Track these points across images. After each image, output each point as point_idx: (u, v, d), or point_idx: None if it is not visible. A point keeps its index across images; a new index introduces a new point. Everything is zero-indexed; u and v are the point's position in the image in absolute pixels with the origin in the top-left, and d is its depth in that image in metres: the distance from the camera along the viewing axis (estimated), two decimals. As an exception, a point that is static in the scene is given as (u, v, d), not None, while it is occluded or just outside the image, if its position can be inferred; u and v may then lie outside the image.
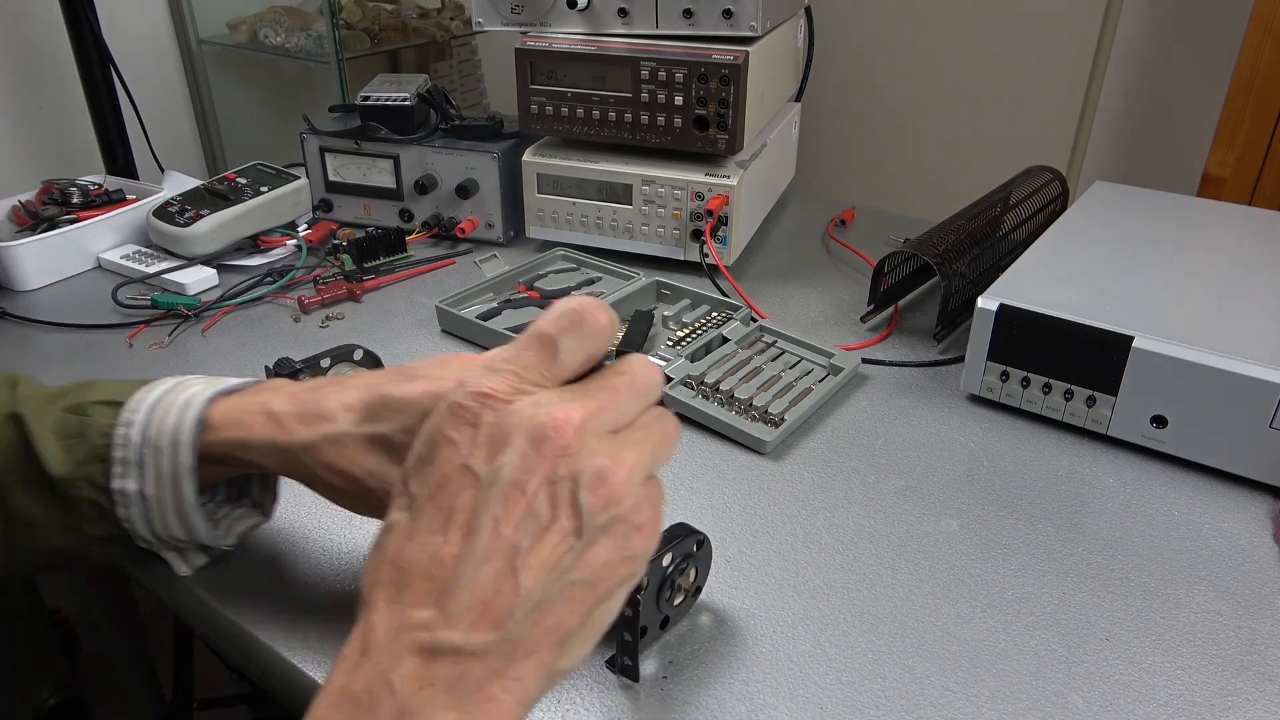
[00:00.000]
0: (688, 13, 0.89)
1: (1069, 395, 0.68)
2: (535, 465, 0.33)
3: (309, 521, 0.60)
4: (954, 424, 0.71)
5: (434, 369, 0.45)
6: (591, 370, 0.37)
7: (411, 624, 0.32)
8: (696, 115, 0.90)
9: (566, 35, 0.93)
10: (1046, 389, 0.69)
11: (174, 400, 0.49)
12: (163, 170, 1.18)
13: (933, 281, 0.94)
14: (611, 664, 0.49)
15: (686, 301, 0.85)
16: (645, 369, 0.37)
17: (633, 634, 0.47)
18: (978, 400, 0.74)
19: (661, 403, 0.38)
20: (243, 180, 1.02)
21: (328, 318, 0.87)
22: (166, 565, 0.54)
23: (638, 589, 0.46)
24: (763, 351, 0.79)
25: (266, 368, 0.65)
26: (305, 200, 1.05)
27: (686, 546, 0.49)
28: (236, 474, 0.51)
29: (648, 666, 0.49)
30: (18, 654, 0.95)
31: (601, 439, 0.34)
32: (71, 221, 0.97)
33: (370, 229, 1.00)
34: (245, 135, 1.65)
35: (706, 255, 0.91)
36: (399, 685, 0.31)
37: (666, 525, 0.49)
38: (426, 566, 0.32)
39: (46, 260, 0.94)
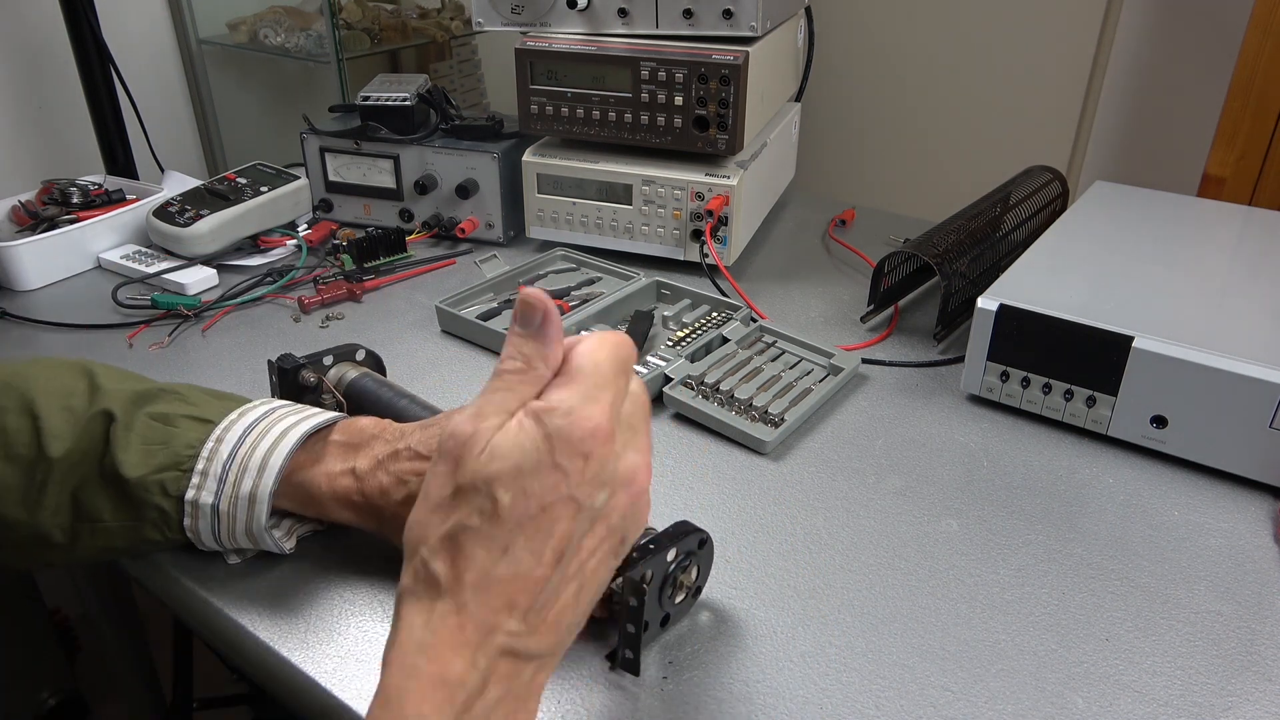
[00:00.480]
0: (688, 13, 0.89)
1: (1069, 395, 0.68)
2: (621, 505, 0.38)
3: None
4: (954, 424, 0.71)
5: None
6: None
7: (502, 630, 0.35)
8: (696, 115, 0.90)
9: (566, 35, 0.93)
10: (1046, 389, 0.69)
11: (268, 429, 0.52)
12: (163, 170, 1.18)
13: (933, 281, 0.94)
14: (611, 659, 0.49)
15: (686, 301, 0.85)
16: (624, 364, 0.39)
17: (636, 625, 0.47)
18: (978, 400, 0.74)
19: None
20: (243, 180, 1.02)
21: (328, 318, 0.87)
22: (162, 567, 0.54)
23: (641, 581, 0.46)
24: (763, 351, 0.79)
25: (270, 362, 0.65)
26: (305, 200, 1.05)
27: (689, 544, 0.50)
28: (303, 510, 0.54)
29: (648, 667, 0.49)
30: (18, 654, 0.95)
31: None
32: (71, 221, 0.97)
33: (370, 229, 1.00)
34: (245, 135, 1.65)
35: (706, 255, 0.91)
36: (491, 686, 0.35)
37: (669, 523, 0.50)
38: (517, 583, 0.36)
39: (46, 260, 0.94)
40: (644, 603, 0.47)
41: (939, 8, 1.57)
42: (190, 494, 0.51)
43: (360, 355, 0.68)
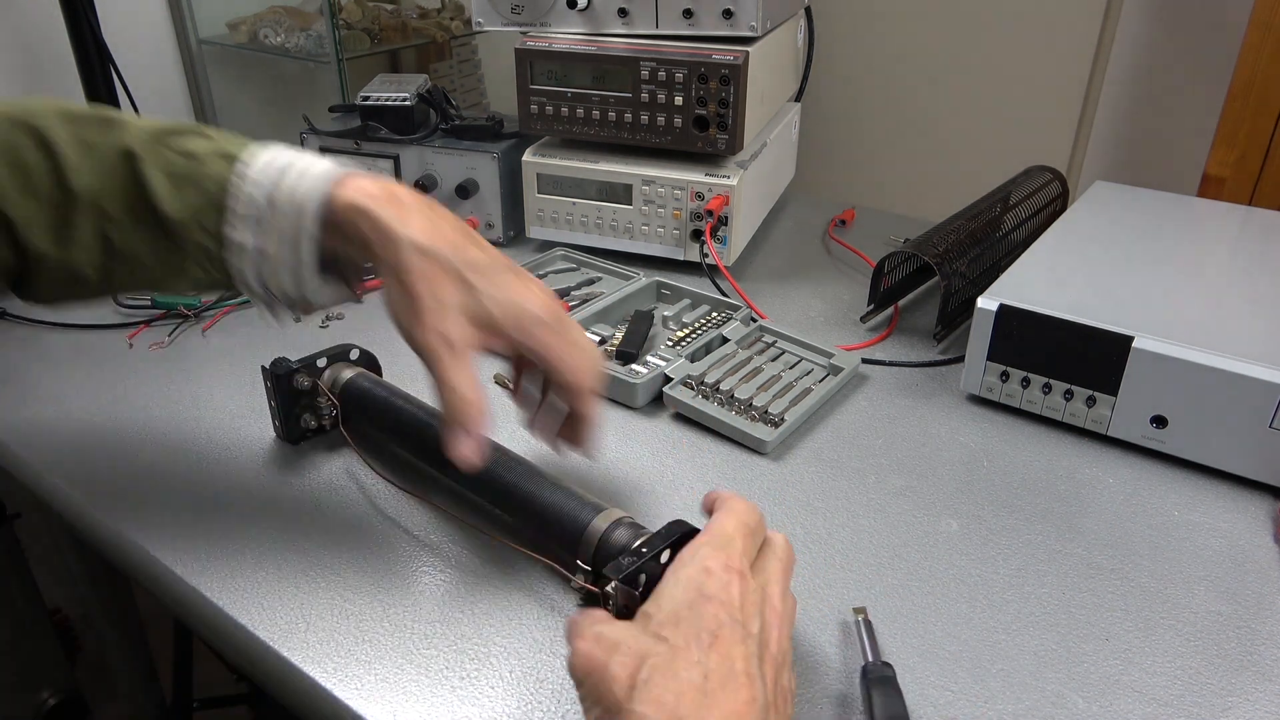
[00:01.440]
0: (688, 13, 0.89)
1: (1069, 395, 0.68)
2: (774, 627, 0.42)
3: (308, 522, 0.60)
4: (954, 424, 0.71)
5: None
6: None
7: None
8: (696, 115, 0.90)
9: (566, 35, 0.93)
10: (1046, 389, 0.69)
11: (302, 169, 0.52)
12: (163, 170, 1.18)
13: (933, 281, 0.94)
14: None
15: (686, 301, 0.85)
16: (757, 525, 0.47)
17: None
18: (978, 400, 0.74)
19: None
20: (243, 180, 1.02)
21: (328, 318, 0.87)
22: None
23: (638, 584, 0.46)
24: (763, 351, 0.79)
25: (263, 368, 0.65)
26: (305, 200, 1.05)
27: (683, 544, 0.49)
28: (341, 251, 0.53)
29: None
30: (18, 654, 0.95)
31: None
32: (71, 221, 0.97)
33: (370, 229, 1.00)
34: (245, 135, 1.65)
35: (706, 255, 0.91)
36: None
37: (664, 523, 0.49)
38: None
39: (46, 260, 0.94)
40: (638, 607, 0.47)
41: (939, 8, 1.57)
42: (231, 232, 0.51)
43: (354, 355, 0.68)
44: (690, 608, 0.39)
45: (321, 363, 0.65)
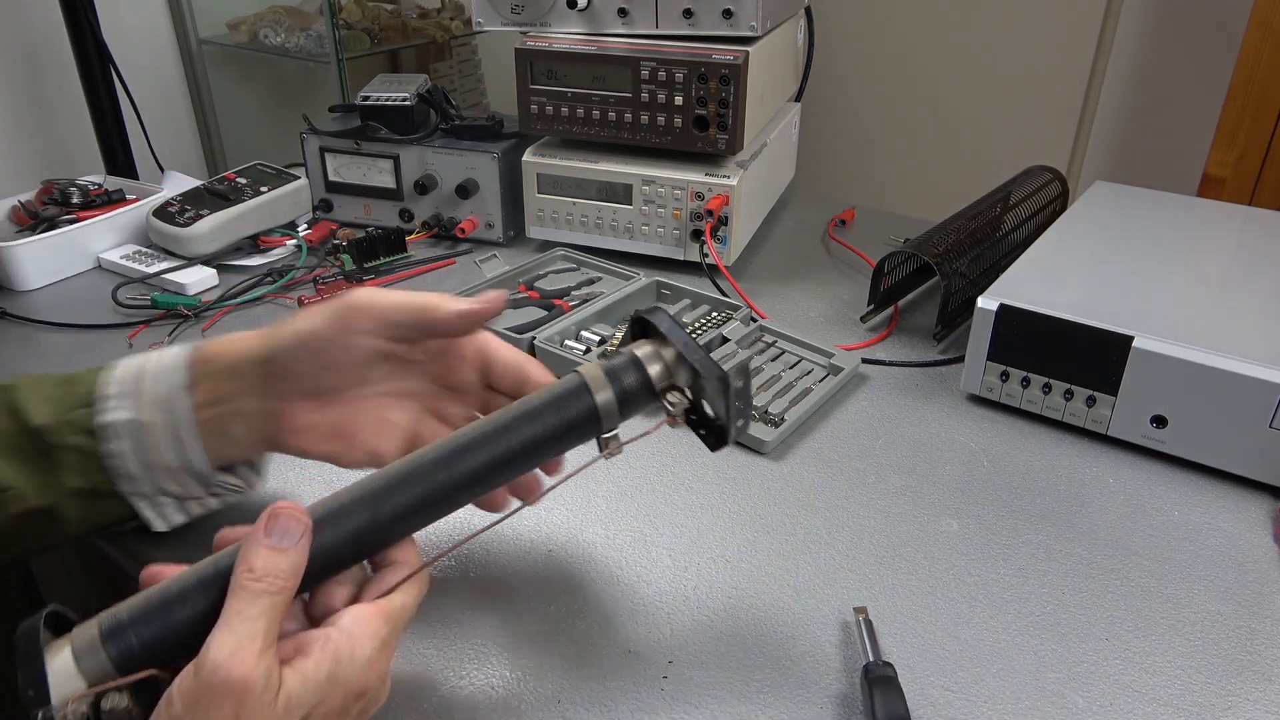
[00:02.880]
0: (688, 13, 0.89)
1: (1069, 395, 0.68)
2: (370, 712, 0.41)
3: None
4: (954, 424, 0.71)
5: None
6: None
7: None
8: (696, 115, 0.90)
9: (566, 35, 0.93)
10: (1046, 389, 0.69)
11: (165, 349, 0.51)
12: (163, 170, 1.18)
13: (933, 281, 0.94)
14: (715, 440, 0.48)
15: (686, 301, 0.85)
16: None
17: (746, 403, 0.45)
18: (978, 400, 0.74)
19: None
20: (243, 180, 1.02)
21: (328, 318, 0.87)
22: (144, 530, 0.53)
23: (745, 365, 0.45)
24: (763, 351, 0.79)
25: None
26: (305, 200, 1.05)
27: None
28: (218, 410, 0.50)
29: (648, 667, 0.49)
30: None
31: None
32: (71, 221, 0.97)
33: (370, 229, 1.00)
34: (245, 135, 1.65)
35: (706, 255, 0.91)
36: None
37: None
38: None
39: (46, 260, 0.94)
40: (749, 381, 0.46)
41: (939, 8, 1.57)
42: (106, 417, 0.49)
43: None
44: (322, 716, 0.37)
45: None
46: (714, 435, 0.48)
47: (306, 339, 0.48)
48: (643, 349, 0.47)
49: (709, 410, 0.47)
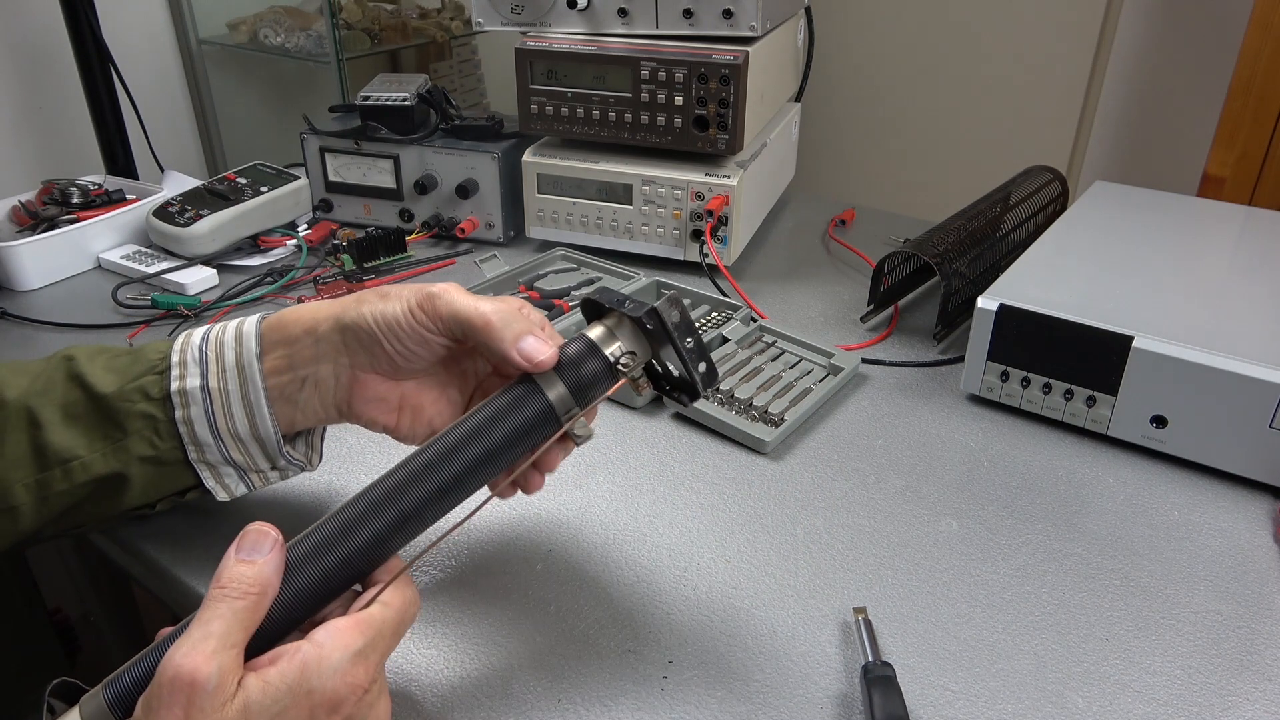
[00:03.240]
0: (688, 13, 0.89)
1: (1069, 395, 0.68)
2: None
3: (308, 521, 0.60)
4: (954, 424, 0.71)
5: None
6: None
7: None
8: (696, 115, 0.90)
9: (566, 35, 0.93)
10: (1046, 389, 0.69)
11: (230, 320, 0.52)
12: (163, 170, 1.18)
13: (933, 281, 0.94)
14: (678, 397, 0.49)
15: (686, 301, 0.85)
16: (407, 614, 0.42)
17: (695, 337, 0.45)
18: (978, 400, 0.74)
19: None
20: (243, 180, 1.02)
21: (328, 318, 0.87)
22: (207, 494, 0.53)
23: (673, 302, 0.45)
24: (763, 351, 0.79)
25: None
26: (305, 200, 1.05)
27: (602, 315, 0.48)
28: (291, 376, 0.50)
29: (648, 667, 0.49)
30: (18, 654, 0.95)
31: None
32: (71, 221, 0.97)
33: (370, 229, 1.00)
34: (245, 135, 1.65)
35: (706, 255, 0.91)
36: None
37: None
38: None
39: (46, 260, 0.94)
40: (685, 315, 0.45)
41: (939, 8, 1.57)
42: (175, 384, 0.49)
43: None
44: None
45: None
46: (684, 390, 0.48)
47: (385, 326, 0.48)
48: (594, 330, 0.47)
49: (672, 369, 0.47)
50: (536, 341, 0.45)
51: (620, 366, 0.46)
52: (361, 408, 0.51)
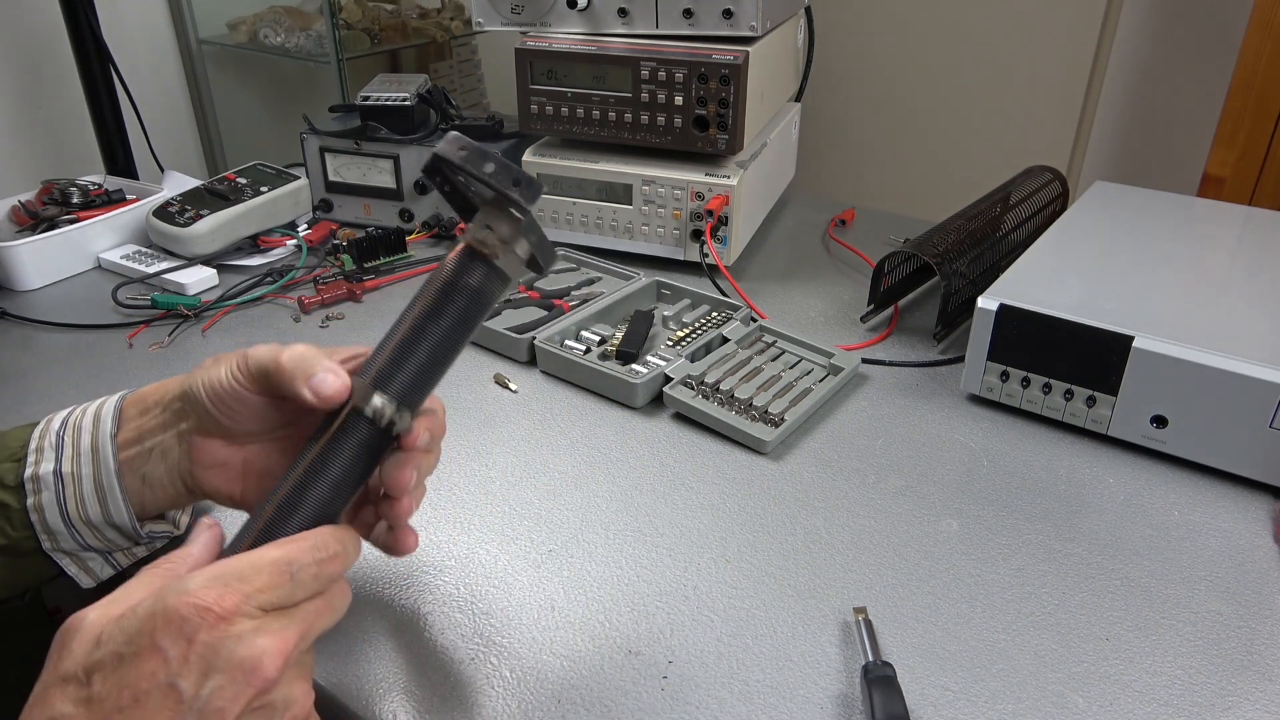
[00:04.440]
0: (688, 13, 0.89)
1: (1069, 395, 0.68)
2: (236, 697, 0.34)
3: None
4: (954, 424, 0.71)
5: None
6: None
7: None
8: (696, 115, 0.90)
9: (566, 35, 0.93)
10: (1046, 389, 0.69)
11: (102, 399, 0.50)
12: (163, 170, 1.19)
13: (933, 281, 0.94)
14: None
15: (686, 301, 0.85)
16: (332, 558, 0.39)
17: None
18: (978, 400, 0.74)
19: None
20: (243, 180, 1.02)
21: (328, 318, 0.87)
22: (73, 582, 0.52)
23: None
24: (763, 351, 0.79)
25: None
26: (305, 200, 1.05)
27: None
28: (138, 449, 0.49)
29: (648, 667, 0.49)
30: (18, 654, 0.95)
31: (295, 668, 0.37)
32: (71, 221, 0.97)
33: (370, 229, 1.00)
34: (245, 135, 1.65)
35: (706, 255, 0.91)
36: None
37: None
38: None
39: (46, 260, 0.94)
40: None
41: (939, 8, 1.57)
42: (29, 470, 0.48)
43: None
44: (134, 655, 0.34)
45: None
46: (538, 259, 0.44)
47: (210, 390, 0.47)
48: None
49: (498, 214, 0.43)
50: (324, 375, 0.43)
51: (478, 244, 0.41)
52: (203, 475, 0.49)
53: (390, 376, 0.43)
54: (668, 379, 0.73)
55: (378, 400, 0.42)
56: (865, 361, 0.79)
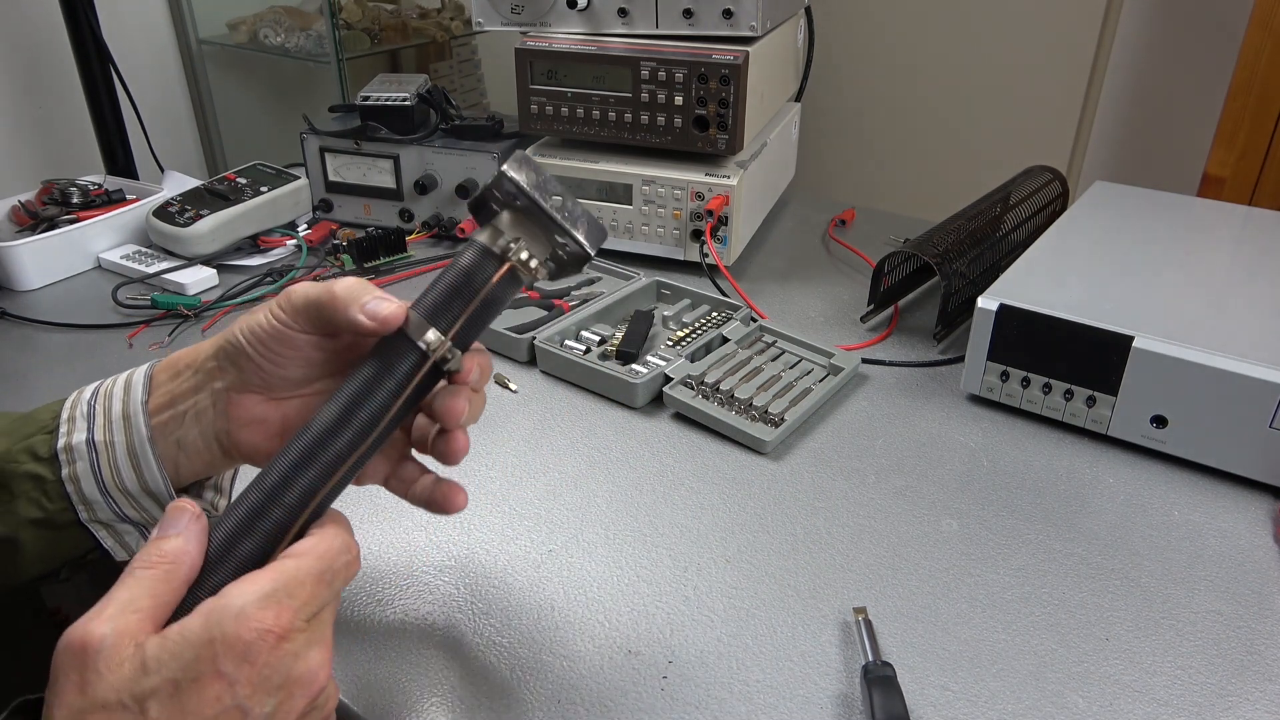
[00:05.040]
0: (688, 13, 0.89)
1: (1069, 395, 0.68)
2: (297, 709, 0.36)
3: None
4: (954, 424, 0.71)
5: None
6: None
7: None
8: (696, 115, 0.90)
9: (566, 35, 0.93)
10: (1046, 389, 0.69)
11: (125, 372, 0.50)
12: (163, 170, 1.19)
13: (933, 281, 0.94)
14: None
15: (686, 301, 0.85)
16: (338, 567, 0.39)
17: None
18: (978, 400, 0.74)
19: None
20: (243, 180, 1.02)
21: (328, 318, 0.87)
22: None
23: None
24: (763, 351, 0.79)
25: None
26: (305, 200, 1.05)
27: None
28: (171, 413, 0.48)
29: (648, 667, 0.49)
30: (17, 654, 0.95)
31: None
32: (71, 221, 0.97)
33: (370, 229, 1.00)
34: (245, 135, 1.65)
35: (706, 255, 0.91)
36: None
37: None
38: None
39: (46, 260, 0.94)
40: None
41: (939, 8, 1.57)
42: (62, 440, 0.47)
43: None
44: (194, 681, 0.34)
45: None
46: (571, 260, 0.45)
47: (250, 335, 0.46)
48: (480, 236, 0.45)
49: (561, 245, 0.45)
50: (380, 300, 0.43)
51: (513, 259, 0.43)
52: (240, 433, 0.48)
53: (442, 313, 0.43)
54: (668, 379, 0.73)
55: (431, 335, 0.42)
56: (865, 361, 0.79)
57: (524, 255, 0.44)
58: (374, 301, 0.43)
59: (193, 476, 0.50)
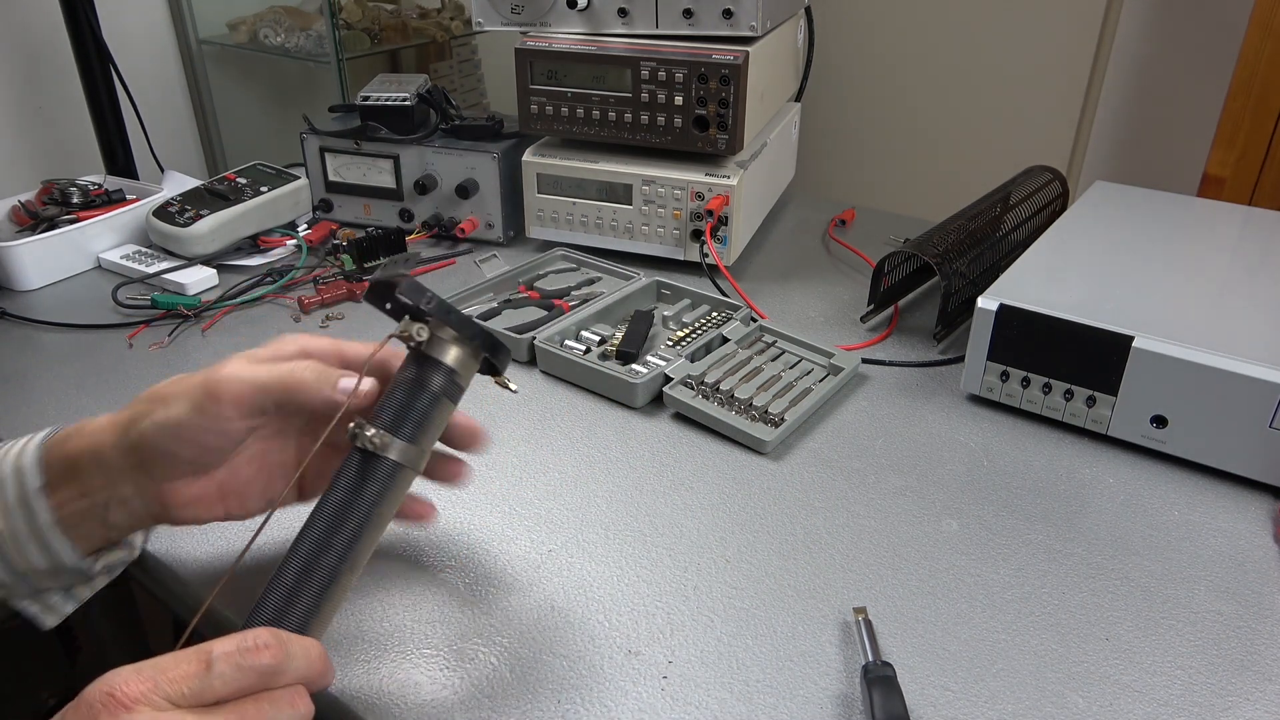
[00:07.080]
0: (688, 13, 0.89)
1: (1069, 395, 0.68)
2: None
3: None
4: (954, 424, 0.71)
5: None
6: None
7: None
8: (696, 115, 0.90)
9: (566, 35, 0.93)
10: (1046, 389, 0.69)
11: (10, 446, 0.48)
12: (163, 170, 1.19)
13: (933, 281, 0.94)
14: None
15: (686, 301, 0.85)
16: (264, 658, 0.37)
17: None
18: (978, 400, 0.74)
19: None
20: (243, 180, 1.02)
21: (328, 318, 0.87)
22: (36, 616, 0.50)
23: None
24: (763, 351, 0.79)
25: None
26: (305, 200, 1.05)
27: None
28: (87, 503, 0.47)
29: (648, 667, 0.49)
30: (18, 655, 0.95)
31: None
32: (71, 221, 0.97)
33: (370, 229, 1.00)
34: (245, 135, 1.65)
35: (706, 255, 0.91)
36: None
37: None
38: None
39: (46, 260, 0.94)
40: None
41: (939, 7, 1.57)
42: None
43: None
44: None
45: None
46: (490, 360, 0.49)
47: (173, 429, 0.44)
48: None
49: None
50: (349, 380, 0.45)
51: (413, 340, 0.45)
52: (179, 514, 0.47)
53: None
54: (668, 379, 0.73)
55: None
56: (865, 361, 0.79)
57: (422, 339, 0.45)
58: (345, 381, 0.45)
59: (122, 538, 0.50)
